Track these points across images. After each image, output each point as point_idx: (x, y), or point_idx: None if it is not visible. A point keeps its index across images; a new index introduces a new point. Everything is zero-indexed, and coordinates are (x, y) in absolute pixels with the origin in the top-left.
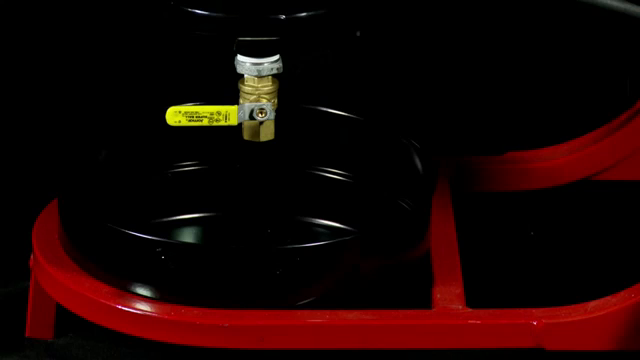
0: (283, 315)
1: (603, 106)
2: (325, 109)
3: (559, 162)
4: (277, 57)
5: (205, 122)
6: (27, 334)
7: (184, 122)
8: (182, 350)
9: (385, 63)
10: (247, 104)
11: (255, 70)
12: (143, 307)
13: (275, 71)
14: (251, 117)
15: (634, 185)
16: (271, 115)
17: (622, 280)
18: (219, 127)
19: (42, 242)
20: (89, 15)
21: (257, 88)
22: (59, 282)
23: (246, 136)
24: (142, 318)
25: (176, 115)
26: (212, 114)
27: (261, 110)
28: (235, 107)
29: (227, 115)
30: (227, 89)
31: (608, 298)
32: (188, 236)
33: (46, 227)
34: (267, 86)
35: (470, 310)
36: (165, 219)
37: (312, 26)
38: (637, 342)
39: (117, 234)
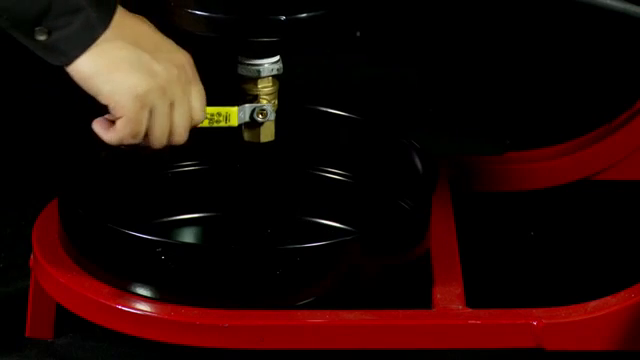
0: (283, 315)
1: (603, 106)
2: (325, 109)
3: (559, 162)
4: (277, 58)
5: (205, 123)
6: (27, 334)
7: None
8: (182, 350)
9: (385, 63)
10: (247, 105)
11: (255, 71)
12: (143, 307)
13: (275, 72)
14: (252, 118)
15: (634, 185)
16: (271, 116)
17: (622, 280)
18: (219, 127)
19: (42, 242)
20: None
21: (257, 89)
22: (59, 282)
23: (246, 137)
24: (142, 318)
25: None
26: (212, 115)
27: (261, 111)
28: (235, 108)
29: (227, 116)
30: (227, 90)
31: (608, 298)
32: (188, 236)
33: (46, 227)
34: (267, 87)
35: (470, 310)
36: (165, 219)
37: (312, 27)
38: (637, 342)
39: (117, 234)
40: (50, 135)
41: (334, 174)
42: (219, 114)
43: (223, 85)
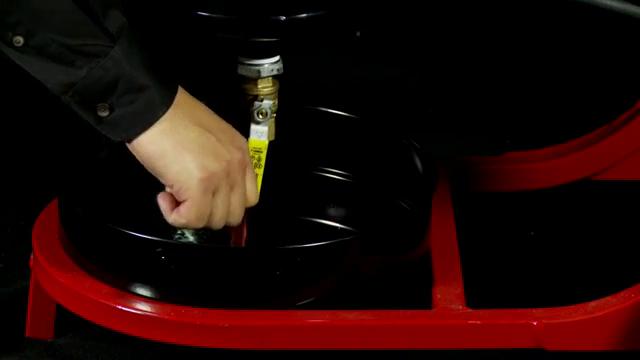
0: (283, 315)
1: (603, 106)
2: (325, 109)
3: (559, 162)
4: (277, 58)
5: (260, 171)
6: (27, 334)
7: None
8: (182, 350)
9: (385, 63)
10: (252, 125)
11: (255, 71)
12: (143, 307)
13: (275, 72)
14: (254, 120)
15: (634, 185)
16: (271, 116)
17: (622, 280)
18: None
19: (42, 242)
20: None
21: (257, 89)
22: (59, 282)
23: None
24: (142, 318)
25: None
26: (252, 158)
27: (262, 112)
28: (250, 139)
29: (258, 148)
30: (227, 90)
31: (608, 298)
32: (188, 236)
33: (46, 227)
34: (267, 87)
35: (470, 310)
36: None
37: (312, 27)
38: (637, 342)
39: (117, 234)
40: (50, 135)
41: (334, 174)
42: (252, 157)
43: (223, 85)
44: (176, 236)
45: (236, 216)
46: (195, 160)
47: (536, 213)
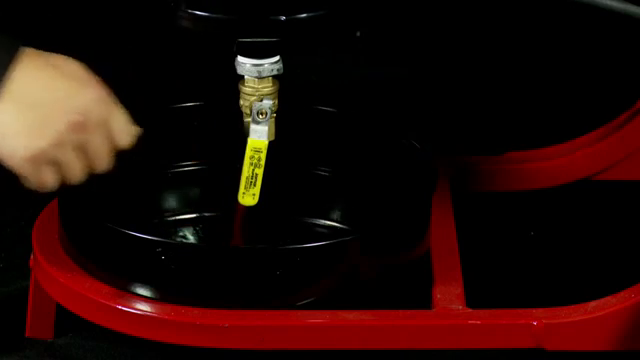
0: (283, 315)
1: (603, 106)
2: (325, 108)
3: (559, 162)
4: (277, 58)
5: (260, 171)
6: (27, 334)
7: (256, 193)
8: (182, 350)
9: (385, 63)
10: (251, 125)
11: (255, 71)
12: (143, 307)
13: (275, 72)
14: (254, 120)
15: (634, 185)
16: (271, 116)
17: (622, 280)
18: (218, 127)
19: (42, 242)
20: (89, 15)
21: (257, 89)
22: (59, 282)
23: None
24: (142, 318)
25: (248, 197)
26: (252, 158)
27: (262, 111)
28: (250, 139)
29: (257, 148)
30: (227, 90)
31: (608, 298)
32: (188, 236)
33: (46, 227)
34: (267, 87)
35: (470, 310)
36: (165, 219)
37: (312, 27)
38: (637, 342)
39: (117, 234)
40: None
41: (334, 174)
42: (252, 157)
43: (223, 85)
44: (177, 237)
45: (101, 164)
46: (18, 142)
47: (536, 213)
